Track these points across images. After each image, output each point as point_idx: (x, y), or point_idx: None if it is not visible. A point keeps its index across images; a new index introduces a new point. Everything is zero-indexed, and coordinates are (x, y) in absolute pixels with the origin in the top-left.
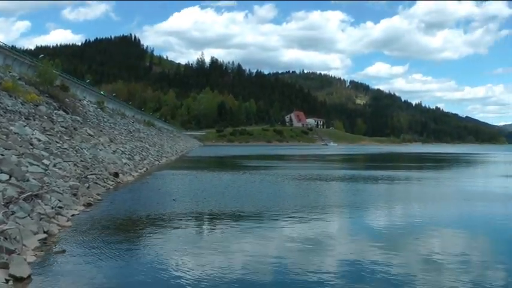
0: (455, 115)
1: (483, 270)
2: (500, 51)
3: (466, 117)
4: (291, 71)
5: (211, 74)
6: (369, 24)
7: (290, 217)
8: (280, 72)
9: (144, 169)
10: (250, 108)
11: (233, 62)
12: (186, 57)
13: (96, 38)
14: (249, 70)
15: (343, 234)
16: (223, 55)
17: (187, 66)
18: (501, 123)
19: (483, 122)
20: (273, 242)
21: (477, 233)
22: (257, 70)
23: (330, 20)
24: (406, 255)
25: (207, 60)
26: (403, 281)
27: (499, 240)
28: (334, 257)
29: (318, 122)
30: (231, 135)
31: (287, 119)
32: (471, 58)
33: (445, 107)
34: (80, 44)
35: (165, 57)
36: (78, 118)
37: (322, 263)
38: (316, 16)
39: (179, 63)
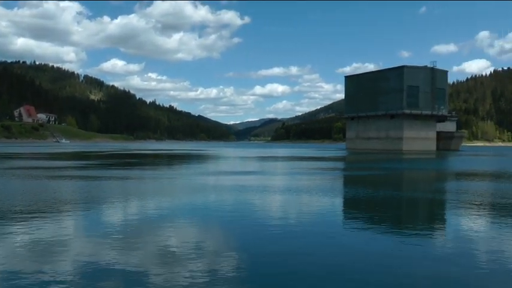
0: (189, 114)
1: (217, 256)
2: (232, 56)
3: (199, 116)
4: (21, 61)
5: None
6: (106, 19)
7: (16, 218)
8: (9, 61)
9: None
10: None
11: None
12: None
13: None
14: None
15: (77, 234)
16: None
17: None
18: (231, 122)
19: (215, 121)
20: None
21: (209, 223)
22: None
23: (66, 11)
24: (143, 250)
25: None
26: (141, 276)
27: (230, 228)
28: (68, 258)
29: (49, 118)
30: None
31: (16, 113)
32: (205, 61)
33: (178, 106)
34: None
35: None
36: None
37: (55, 266)
38: (51, 5)
39: None
